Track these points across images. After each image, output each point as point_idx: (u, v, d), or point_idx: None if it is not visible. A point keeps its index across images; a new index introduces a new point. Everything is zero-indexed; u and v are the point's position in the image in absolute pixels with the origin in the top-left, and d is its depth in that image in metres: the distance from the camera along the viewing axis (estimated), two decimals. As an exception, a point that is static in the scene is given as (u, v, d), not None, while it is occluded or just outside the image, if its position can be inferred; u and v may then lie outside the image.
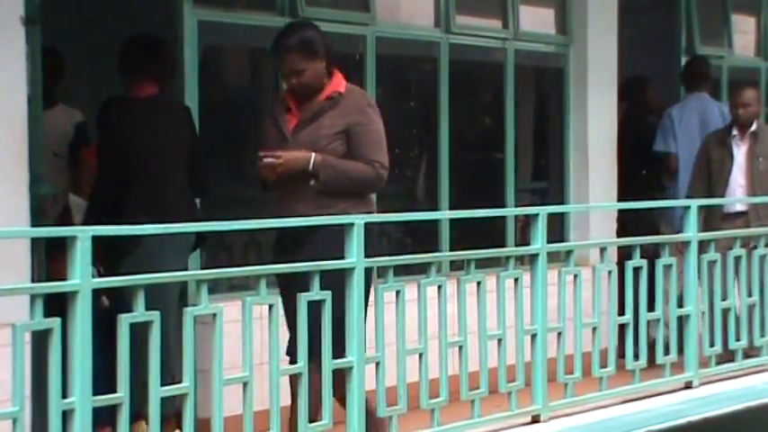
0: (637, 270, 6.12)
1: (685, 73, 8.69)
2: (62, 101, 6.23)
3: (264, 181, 5.20)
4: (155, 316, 4.14)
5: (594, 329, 5.91)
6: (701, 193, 7.64)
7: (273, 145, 5.16)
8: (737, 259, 6.67)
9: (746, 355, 6.76)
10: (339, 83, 5.22)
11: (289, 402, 4.67)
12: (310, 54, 5.13)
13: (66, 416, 3.87)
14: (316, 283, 4.63)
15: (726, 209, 7.58)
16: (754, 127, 7.76)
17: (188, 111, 5.86)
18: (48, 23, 5.30)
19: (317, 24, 5.47)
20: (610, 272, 6.02)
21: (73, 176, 6.13)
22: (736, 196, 7.67)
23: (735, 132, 7.78)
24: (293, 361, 4.67)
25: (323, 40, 5.23)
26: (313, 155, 5.08)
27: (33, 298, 3.84)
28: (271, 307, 4.52)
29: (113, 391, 3.99)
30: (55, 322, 3.82)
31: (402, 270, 5.29)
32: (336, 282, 4.68)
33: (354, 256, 4.77)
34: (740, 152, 7.75)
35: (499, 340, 5.44)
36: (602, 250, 6.07)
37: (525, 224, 6.80)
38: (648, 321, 6.20)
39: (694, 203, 6.62)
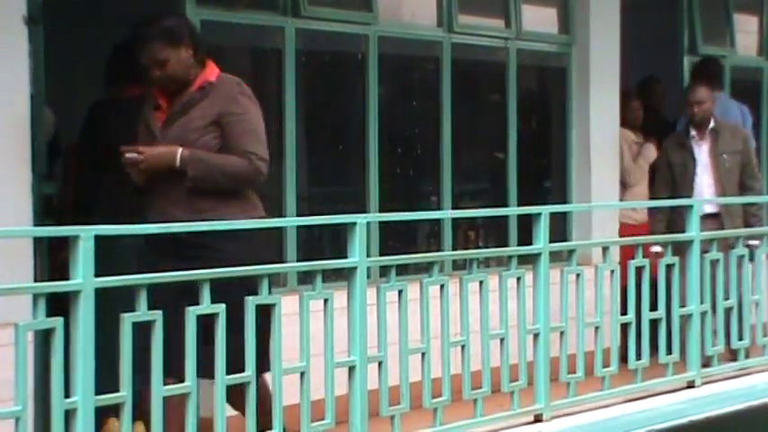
0: (639, 269, 6.12)
1: (700, 74, 8.62)
2: (61, 100, 6.22)
3: (137, 183, 4.78)
4: (157, 315, 4.14)
5: (597, 329, 5.91)
6: (663, 198, 7.47)
7: (142, 144, 4.80)
8: (715, 262, 6.50)
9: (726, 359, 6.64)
10: (211, 72, 4.84)
11: (293, 401, 4.66)
12: (173, 43, 4.75)
13: (68, 415, 3.87)
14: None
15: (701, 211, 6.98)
16: (712, 124, 7.57)
17: None
18: (50, 23, 5.31)
19: (183, 14, 5.24)
20: (612, 271, 6.02)
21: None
22: (706, 197, 7.45)
23: (693, 133, 7.59)
24: (181, 379, 4.23)
25: (189, 28, 4.88)
26: (180, 149, 4.67)
27: (36, 297, 3.85)
28: (273, 306, 4.53)
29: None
30: (58, 322, 3.83)
31: (403, 269, 5.30)
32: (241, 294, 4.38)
33: (357, 256, 4.77)
34: (702, 152, 7.56)
35: (501, 340, 5.44)
36: (605, 249, 6.07)
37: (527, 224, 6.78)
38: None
39: (696, 203, 6.62)
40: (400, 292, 4.98)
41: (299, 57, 6.48)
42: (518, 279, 5.52)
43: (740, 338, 6.70)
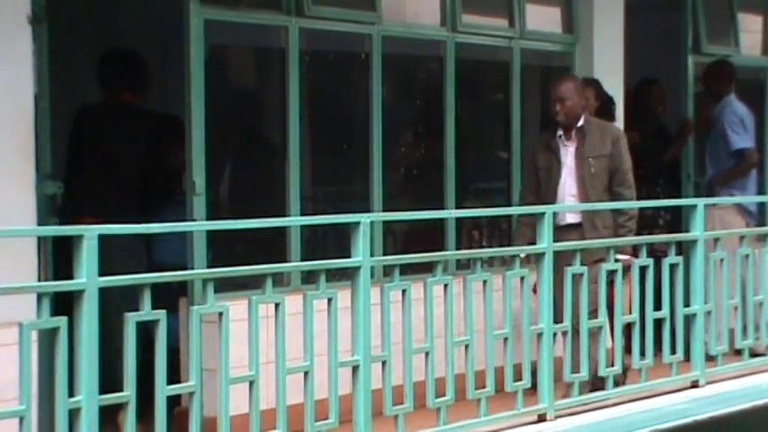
0: (643, 269, 6.11)
1: (716, 76, 8.60)
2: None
3: None
4: (161, 314, 4.15)
5: (600, 329, 5.91)
6: (531, 205, 6.43)
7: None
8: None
9: (616, 383, 6.04)
10: None
11: (294, 401, 4.66)
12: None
13: (72, 414, 3.87)
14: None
15: (557, 220, 6.26)
16: (581, 122, 6.58)
17: (162, 120, 6.14)
18: (54, 22, 5.31)
19: None
20: (615, 271, 6.01)
21: None
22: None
23: (560, 132, 6.62)
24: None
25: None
26: None
27: (40, 296, 3.85)
28: (277, 306, 4.53)
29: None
30: (62, 321, 3.83)
31: (407, 269, 5.29)
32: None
33: (360, 255, 4.77)
34: (568, 154, 6.58)
35: (505, 339, 5.44)
36: (608, 249, 6.07)
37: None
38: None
39: (700, 202, 6.61)
40: (404, 291, 4.98)
41: (302, 56, 6.48)
42: (521, 278, 5.52)
43: (743, 338, 6.69)
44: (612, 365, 5.97)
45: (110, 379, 4.10)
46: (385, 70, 6.90)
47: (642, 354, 6.14)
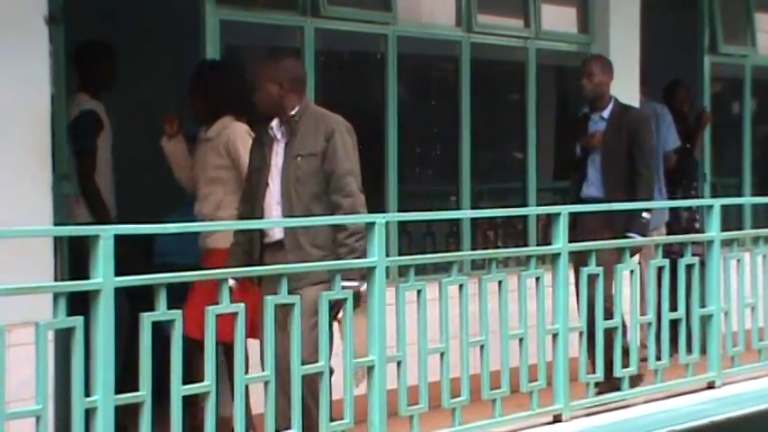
0: (660, 269, 6.10)
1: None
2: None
3: None
4: (176, 315, 4.15)
5: (615, 329, 5.89)
6: (246, 215, 5.25)
7: None
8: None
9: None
10: None
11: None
12: None
13: (88, 414, 3.88)
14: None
15: (266, 238, 5.17)
16: (294, 110, 5.20)
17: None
18: (70, 22, 5.33)
19: None
20: (632, 271, 6.00)
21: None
22: (274, 218, 5.15)
23: (272, 124, 5.25)
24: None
25: None
26: None
27: (56, 296, 3.86)
28: (292, 306, 4.53)
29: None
30: (78, 321, 3.84)
31: (422, 269, 5.29)
32: None
33: (376, 255, 4.77)
34: (279, 152, 5.22)
35: (521, 340, 5.43)
36: (623, 250, 6.05)
37: (547, 223, 6.77)
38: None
39: (717, 203, 6.59)
40: (419, 291, 4.97)
41: (318, 56, 6.49)
42: (537, 279, 5.51)
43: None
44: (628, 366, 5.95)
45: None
46: (400, 70, 6.91)
47: (659, 356, 6.12)
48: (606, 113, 6.83)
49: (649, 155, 6.79)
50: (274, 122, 5.21)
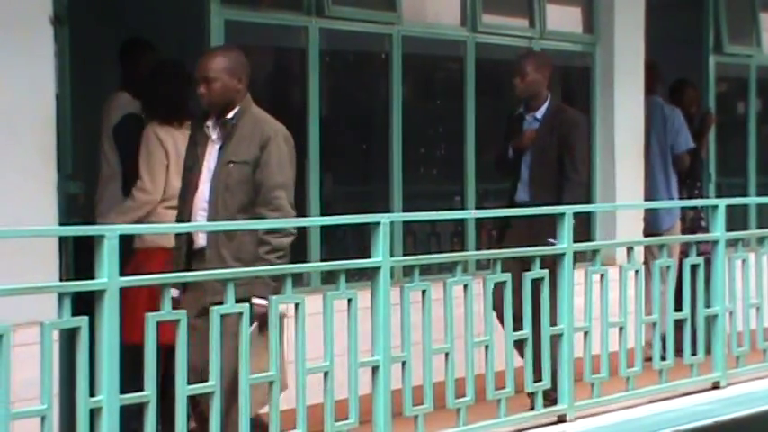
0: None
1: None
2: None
3: None
4: (181, 315, 4.16)
5: (621, 329, 5.89)
6: (184, 218, 4.95)
7: None
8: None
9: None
10: None
11: (314, 401, 4.67)
12: None
13: (93, 414, 3.89)
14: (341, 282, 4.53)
15: (194, 244, 4.86)
16: (233, 112, 4.87)
17: None
18: (75, 23, 5.33)
19: None
20: (636, 271, 5.99)
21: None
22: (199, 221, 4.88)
23: (208, 122, 4.93)
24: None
25: None
26: None
27: (61, 296, 3.87)
28: (297, 306, 4.53)
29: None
30: (83, 320, 3.84)
31: (427, 269, 5.29)
32: None
33: (380, 256, 4.77)
34: (213, 153, 4.89)
35: (525, 340, 5.43)
36: (629, 249, 6.05)
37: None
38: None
39: (722, 203, 6.59)
40: (424, 291, 4.98)
41: (322, 57, 6.49)
42: (541, 279, 5.51)
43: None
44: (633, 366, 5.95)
45: None
46: (405, 71, 6.91)
47: (663, 356, 6.12)
48: (540, 114, 6.42)
49: (581, 159, 6.38)
50: (210, 121, 4.87)
